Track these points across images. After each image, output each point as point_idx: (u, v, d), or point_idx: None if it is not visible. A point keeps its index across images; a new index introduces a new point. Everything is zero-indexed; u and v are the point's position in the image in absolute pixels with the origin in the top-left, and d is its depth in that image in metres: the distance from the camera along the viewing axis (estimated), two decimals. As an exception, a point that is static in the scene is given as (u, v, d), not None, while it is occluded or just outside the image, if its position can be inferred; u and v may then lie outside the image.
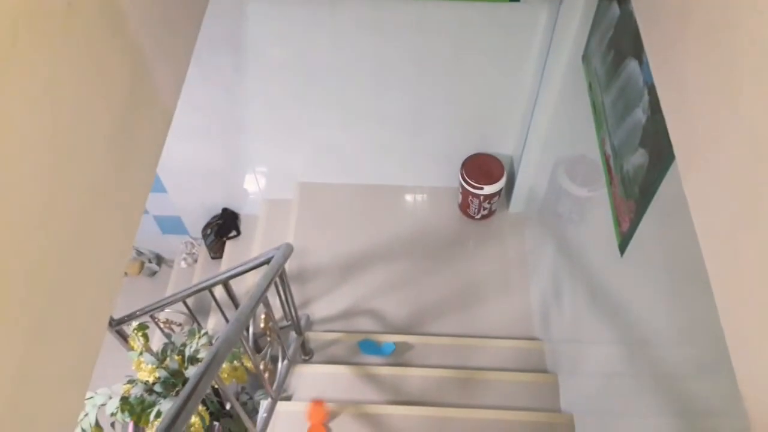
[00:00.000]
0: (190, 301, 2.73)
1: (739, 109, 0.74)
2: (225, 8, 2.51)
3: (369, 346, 2.87)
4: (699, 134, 0.87)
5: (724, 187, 0.78)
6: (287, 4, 2.51)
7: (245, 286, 3.15)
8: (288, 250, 2.38)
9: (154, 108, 1.23)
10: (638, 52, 1.59)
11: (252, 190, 3.66)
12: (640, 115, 1.54)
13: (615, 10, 1.83)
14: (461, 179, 3.20)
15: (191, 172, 3.46)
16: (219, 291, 2.58)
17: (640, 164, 1.55)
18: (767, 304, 0.66)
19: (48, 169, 0.81)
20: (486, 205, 3.26)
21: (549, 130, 2.75)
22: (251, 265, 2.40)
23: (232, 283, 2.53)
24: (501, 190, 3.21)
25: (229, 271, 2.44)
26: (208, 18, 1.65)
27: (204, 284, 2.50)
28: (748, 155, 0.72)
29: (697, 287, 1.20)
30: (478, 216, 3.36)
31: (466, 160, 3.23)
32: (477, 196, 3.20)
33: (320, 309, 3.11)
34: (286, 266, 2.42)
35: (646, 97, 1.51)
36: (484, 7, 2.48)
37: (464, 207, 3.37)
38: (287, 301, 2.52)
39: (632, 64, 1.62)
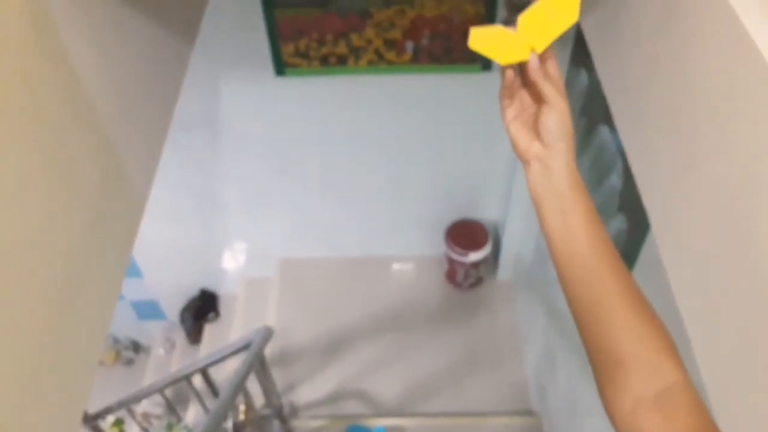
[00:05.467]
0: (168, 390, 2.58)
1: (702, 175, 0.75)
2: (199, 89, 2.52)
3: (358, 432, 2.71)
4: (669, 199, 0.87)
5: (697, 250, 0.78)
6: (261, 82, 2.53)
7: (225, 372, 3.00)
8: (267, 334, 2.28)
9: (127, 197, 1.20)
10: (609, 119, 1.58)
11: (231, 268, 3.57)
12: (615, 180, 1.51)
13: (584, 77, 1.84)
14: (446, 247, 3.14)
15: (167, 254, 3.37)
16: (199, 379, 2.45)
17: (620, 230, 1.51)
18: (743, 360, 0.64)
19: (15, 266, 0.78)
20: (473, 272, 3.19)
21: (530, 195, 2.73)
22: (229, 351, 2.30)
23: (212, 368, 2.40)
24: (487, 256, 3.15)
25: (206, 358, 2.33)
26: (182, 99, 1.63)
27: (181, 374, 2.38)
28: (715, 220, 0.73)
29: (682, 350, 1.16)
30: (466, 285, 3.29)
31: (449, 227, 3.18)
32: (463, 263, 3.13)
33: (305, 393, 2.96)
34: (267, 350, 2.32)
35: (619, 163, 1.48)
36: (457, 77, 2.51)
37: (451, 275, 3.30)
38: (268, 388, 2.40)
39: (604, 131, 1.61)
